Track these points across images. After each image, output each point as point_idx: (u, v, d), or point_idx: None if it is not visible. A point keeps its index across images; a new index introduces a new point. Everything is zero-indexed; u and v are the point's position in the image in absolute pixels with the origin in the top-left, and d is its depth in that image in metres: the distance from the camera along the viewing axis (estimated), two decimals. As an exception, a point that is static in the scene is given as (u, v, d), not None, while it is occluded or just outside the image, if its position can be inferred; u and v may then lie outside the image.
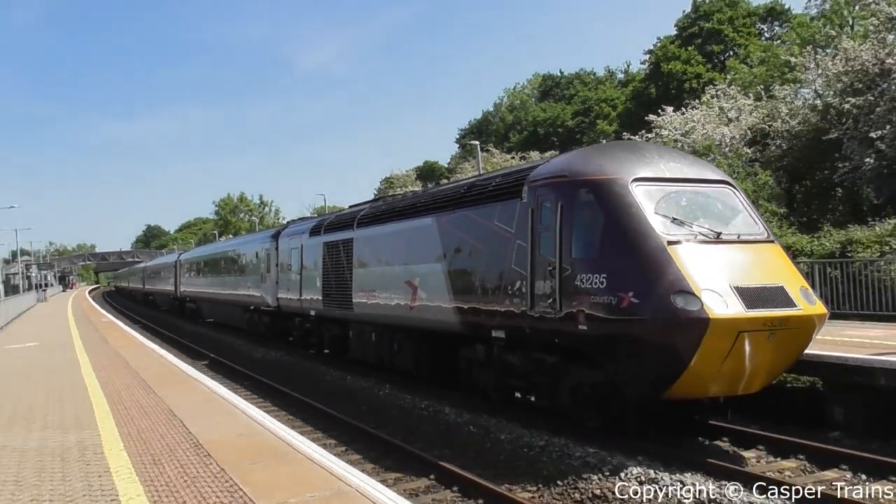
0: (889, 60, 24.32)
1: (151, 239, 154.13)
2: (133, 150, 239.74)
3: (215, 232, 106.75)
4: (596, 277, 9.56)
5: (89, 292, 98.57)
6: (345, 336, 18.79)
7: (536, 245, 10.67)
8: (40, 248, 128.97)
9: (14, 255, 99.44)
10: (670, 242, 9.26)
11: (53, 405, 11.92)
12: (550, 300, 10.18)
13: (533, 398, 12.36)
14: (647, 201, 9.69)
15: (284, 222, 43.47)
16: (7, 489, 7.20)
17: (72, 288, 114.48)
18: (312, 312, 20.47)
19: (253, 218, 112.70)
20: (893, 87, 23.62)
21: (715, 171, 11.31)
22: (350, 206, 22.70)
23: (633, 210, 9.59)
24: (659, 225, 9.48)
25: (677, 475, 8.71)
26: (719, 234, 9.71)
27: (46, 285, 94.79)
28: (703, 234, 9.60)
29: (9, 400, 12.70)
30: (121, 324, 34.25)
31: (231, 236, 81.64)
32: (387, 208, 16.96)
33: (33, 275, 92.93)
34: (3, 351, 22.58)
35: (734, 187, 10.88)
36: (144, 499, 6.60)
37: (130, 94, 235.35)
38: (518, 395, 12.80)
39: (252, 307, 27.20)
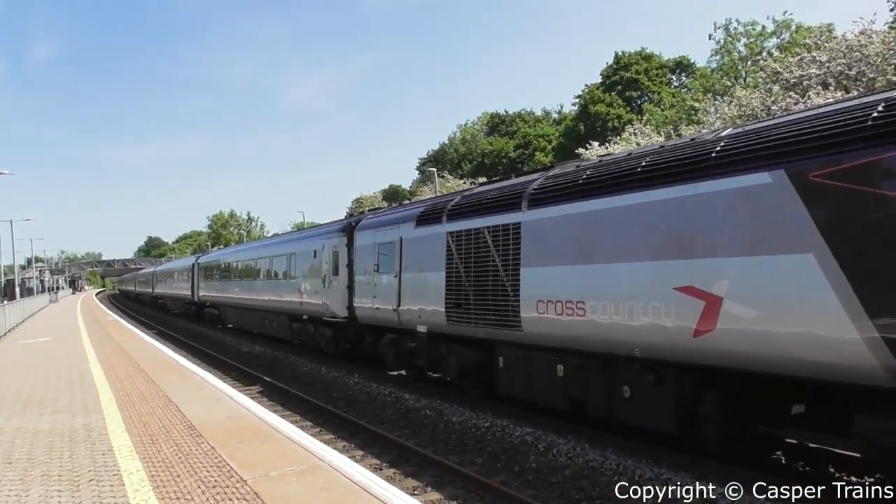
0: (774, 107, 25.16)
1: (152, 248, 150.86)
2: (137, 170, 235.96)
3: (208, 243, 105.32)
4: None
5: (96, 294, 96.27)
6: (485, 363, 11.52)
7: None
8: (53, 255, 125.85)
9: (29, 261, 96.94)
10: None
11: (63, 392, 11.61)
12: None
13: None
14: None
15: (270, 234, 39.44)
16: (21, 466, 7.03)
17: (81, 291, 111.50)
18: (422, 328, 13.06)
19: (241, 231, 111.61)
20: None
21: None
22: (438, 196, 15.49)
23: None
24: None
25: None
26: None
27: (58, 288, 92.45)
28: None
29: (23, 388, 12.34)
30: (124, 322, 33.49)
31: (222, 246, 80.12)
32: (607, 171, 8.81)
33: (46, 279, 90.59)
34: (18, 345, 21.93)
35: None
36: (143, 474, 6.47)
37: (139, 122, 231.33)
38: None
39: (305, 316, 19.86)
